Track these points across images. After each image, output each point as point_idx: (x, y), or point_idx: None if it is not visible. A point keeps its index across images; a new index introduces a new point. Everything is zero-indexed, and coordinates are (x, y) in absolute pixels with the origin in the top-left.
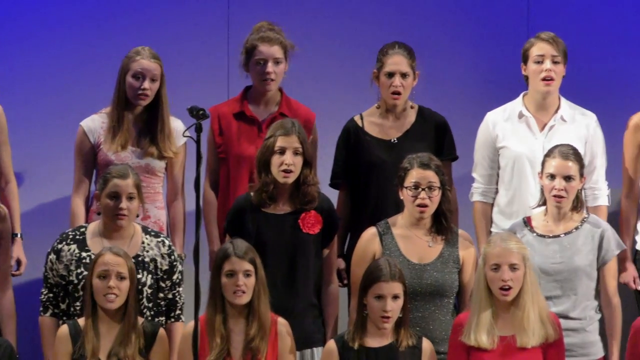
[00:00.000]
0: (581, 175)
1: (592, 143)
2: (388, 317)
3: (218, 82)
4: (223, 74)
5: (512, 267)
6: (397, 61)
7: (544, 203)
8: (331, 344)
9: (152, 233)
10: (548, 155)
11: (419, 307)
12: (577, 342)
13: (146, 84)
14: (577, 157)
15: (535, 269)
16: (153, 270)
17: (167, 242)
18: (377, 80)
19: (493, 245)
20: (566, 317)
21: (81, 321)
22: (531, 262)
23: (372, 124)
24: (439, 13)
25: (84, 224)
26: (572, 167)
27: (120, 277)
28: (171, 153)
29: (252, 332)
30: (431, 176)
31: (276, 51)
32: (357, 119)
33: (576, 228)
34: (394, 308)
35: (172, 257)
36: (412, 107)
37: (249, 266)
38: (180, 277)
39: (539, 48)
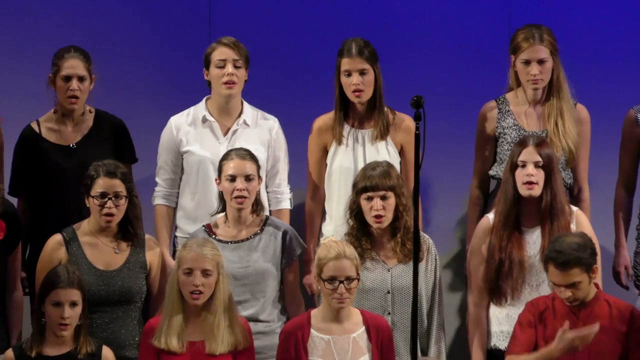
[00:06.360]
0: (259, 176)
1: (275, 147)
2: (66, 325)
3: None
4: None
5: (205, 273)
6: (73, 65)
7: (224, 209)
8: (9, 352)
9: None
10: (225, 159)
11: (105, 314)
12: (267, 345)
13: None
14: (253, 158)
15: None
16: None
17: None
18: (53, 85)
19: (189, 249)
20: (256, 321)
21: None
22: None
23: (50, 129)
24: (118, 15)
25: None
26: (250, 167)
27: None
28: None
29: None
30: (118, 185)
31: None
32: (33, 125)
33: (259, 231)
34: (72, 315)
35: None
36: (90, 112)
37: None
38: None
39: (220, 52)
